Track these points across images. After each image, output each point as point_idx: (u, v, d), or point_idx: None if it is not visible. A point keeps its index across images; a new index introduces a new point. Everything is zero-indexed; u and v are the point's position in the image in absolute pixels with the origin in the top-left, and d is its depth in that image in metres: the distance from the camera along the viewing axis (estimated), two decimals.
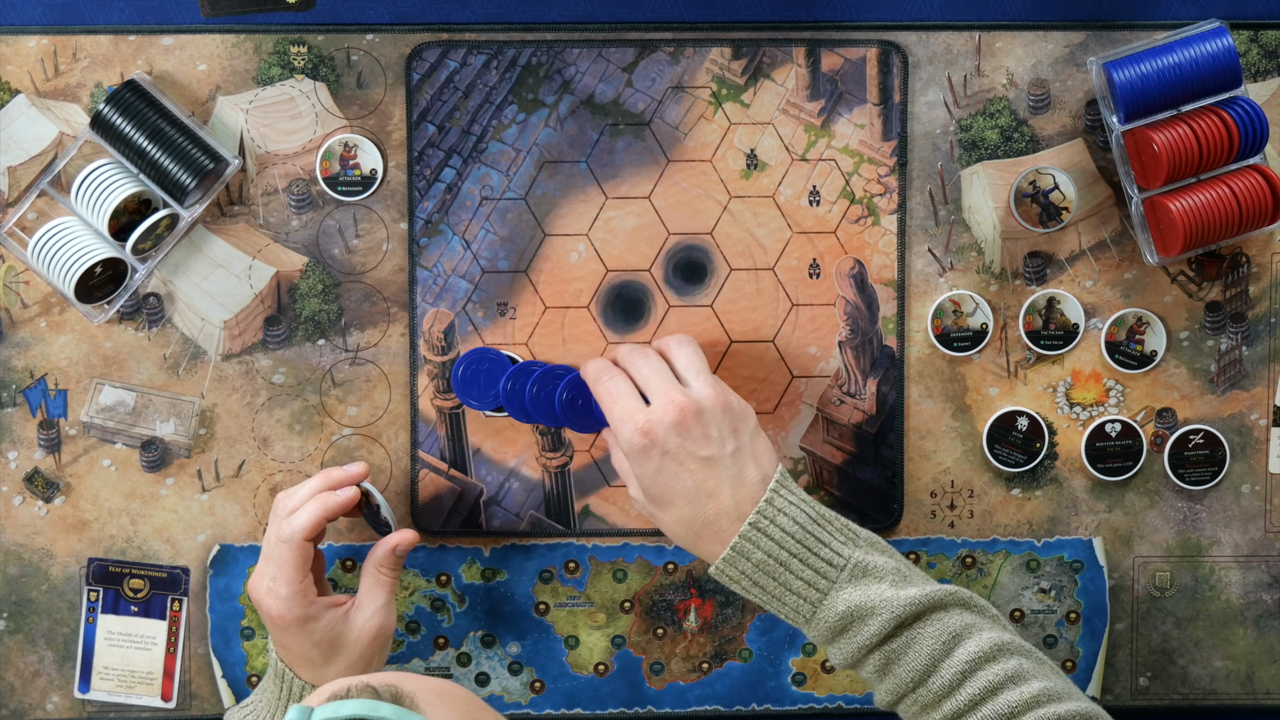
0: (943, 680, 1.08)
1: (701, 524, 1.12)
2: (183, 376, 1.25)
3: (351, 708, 0.85)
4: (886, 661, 1.09)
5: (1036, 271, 1.26)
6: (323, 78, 1.24)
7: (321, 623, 1.17)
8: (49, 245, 1.20)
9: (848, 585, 1.10)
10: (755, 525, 1.11)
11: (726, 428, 1.13)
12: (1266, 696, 1.29)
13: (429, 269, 1.25)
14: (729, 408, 1.13)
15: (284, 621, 1.16)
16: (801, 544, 1.11)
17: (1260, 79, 1.25)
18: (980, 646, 1.09)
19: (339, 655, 1.17)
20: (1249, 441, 1.27)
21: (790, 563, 1.11)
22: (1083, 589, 1.28)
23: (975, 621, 1.10)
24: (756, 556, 1.11)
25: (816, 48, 1.25)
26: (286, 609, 1.15)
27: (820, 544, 1.11)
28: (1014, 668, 1.08)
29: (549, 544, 1.28)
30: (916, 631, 1.09)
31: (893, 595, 1.09)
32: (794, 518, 1.12)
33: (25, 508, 1.26)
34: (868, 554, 1.11)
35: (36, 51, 1.23)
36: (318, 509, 1.17)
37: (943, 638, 1.09)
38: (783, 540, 1.11)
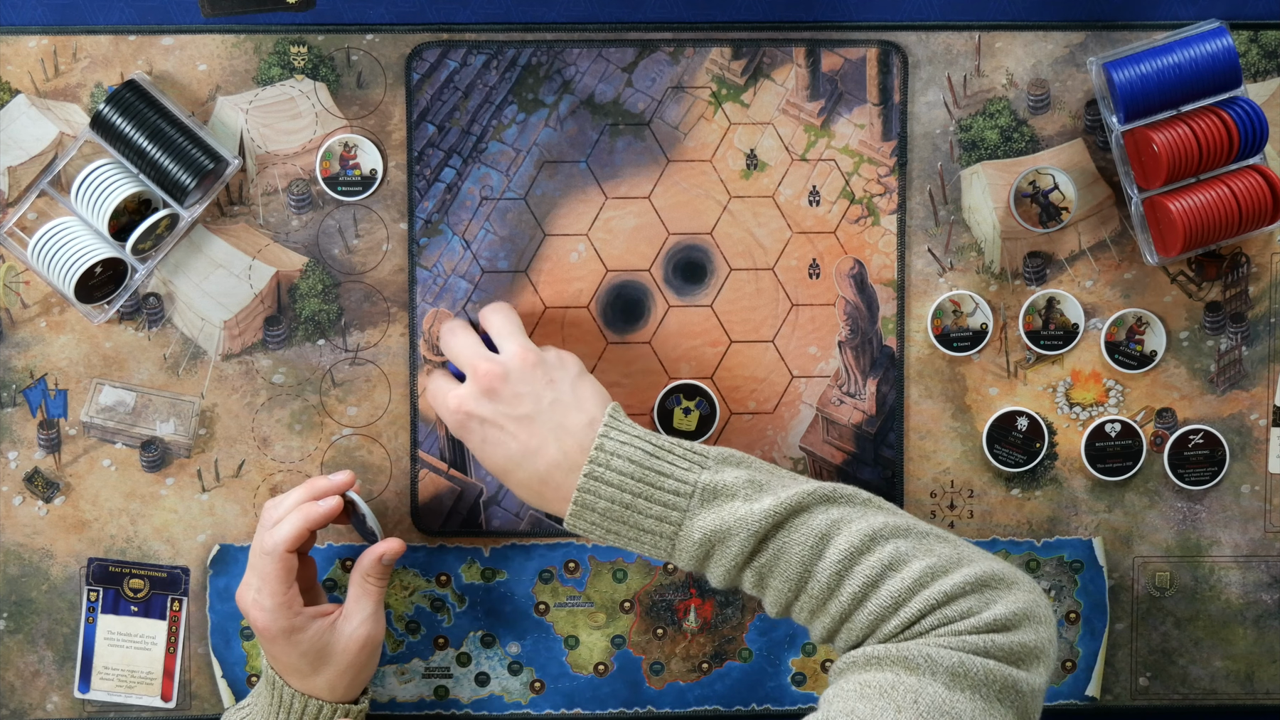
0: (819, 584, 1.05)
1: (539, 482, 1.12)
2: (183, 376, 1.25)
3: None
4: (760, 577, 1.07)
5: (1036, 271, 1.26)
6: (323, 78, 1.24)
7: (308, 633, 1.17)
8: (49, 245, 1.20)
9: (700, 510, 1.08)
10: (590, 475, 1.09)
11: (540, 381, 1.12)
12: (1266, 696, 1.30)
13: (429, 269, 1.25)
14: (540, 362, 1.13)
15: (270, 633, 1.16)
16: (643, 481, 1.09)
17: (1260, 79, 1.25)
18: (850, 541, 1.05)
19: (327, 665, 1.18)
20: (1249, 441, 1.27)
21: (635, 503, 1.09)
22: (1083, 589, 1.28)
23: (843, 515, 1.07)
24: (600, 505, 1.10)
25: (816, 48, 1.25)
26: (271, 620, 1.16)
27: (662, 476, 1.09)
28: (890, 553, 1.05)
29: (549, 544, 1.28)
30: (782, 541, 1.06)
31: (747, 511, 1.07)
32: (629, 457, 1.09)
33: (25, 508, 1.26)
34: (716, 473, 1.08)
35: (36, 51, 1.23)
36: (300, 520, 1.17)
37: (809, 541, 1.06)
38: (622, 483, 1.09)
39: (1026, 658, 1.03)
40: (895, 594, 1.03)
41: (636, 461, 1.10)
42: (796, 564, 1.06)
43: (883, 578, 1.04)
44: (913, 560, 1.05)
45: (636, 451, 1.10)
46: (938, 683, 0.99)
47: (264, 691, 1.20)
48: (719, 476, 1.09)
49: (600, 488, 1.10)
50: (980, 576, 1.04)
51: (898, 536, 1.06)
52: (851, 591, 1.04)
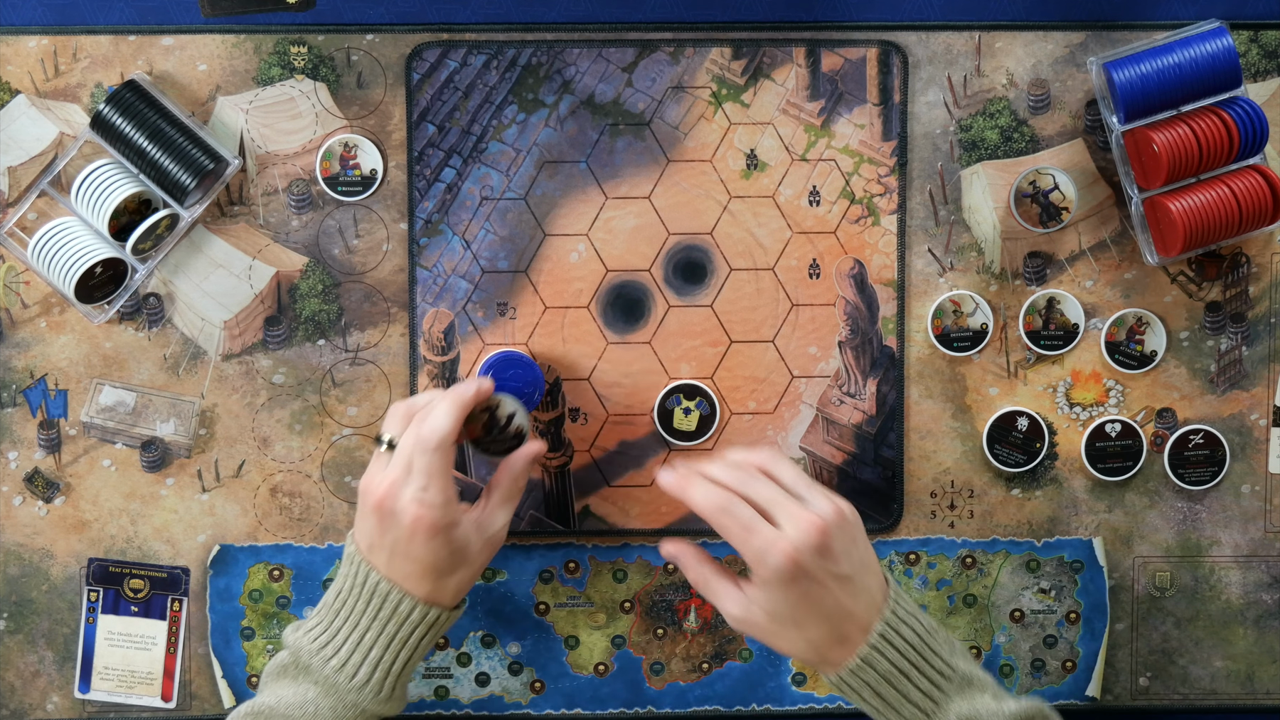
0: None
1: (836, 639, 1.11)
2: (183, 376, 1.25)
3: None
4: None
5: (1036, 271, 1.26)
6: (323, 78, 1.24)
7: (460, 529, 1.14)
8: (49, 245, 1.20)
9: (957, 697, 1.10)
10: (883, 635, 1.10)
11: (850, 540, 1.11)
12: (1266, 696, 1.29)
13: (429, 269, 1.25)
14: (845, 518, 1.11)
15: (435, 528, 1.12)
16: (919, 654, 1.11)
17: (1260, 79, 1.25)
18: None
19: (464, 564, 1.15)
20: (1249, 441, 1.27)
21: (910, 672, 1.10)
22: (1083, 589, 1.28)
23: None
24: (882, 666, 1.10)
25: (816, 48, 1.25)
26: (440, 516, 1.12)
27: (934, 654, 1.11)
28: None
29: (549, 544, 1.28)
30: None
31: (997, 708, 1.10)
32: (913, 628, 1.11)
33: (25, 508, 1.26)
34: (969, 665, 1.12)
35: (36, 51, 1.23)
36: (454, 407, 1.13)
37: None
38: (904, 650, 1.11)
39: None
40: None
41: (918, 634, 1.11)
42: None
43: None
44: None
45: (918, 625, 1.12)
46: None
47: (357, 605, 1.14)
48: (972, 669, 1.12)
49: (886, 648, 1.10)
50: None
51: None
52: None
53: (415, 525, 1.12)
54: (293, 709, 1.12)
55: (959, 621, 1.28)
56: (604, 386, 1.26)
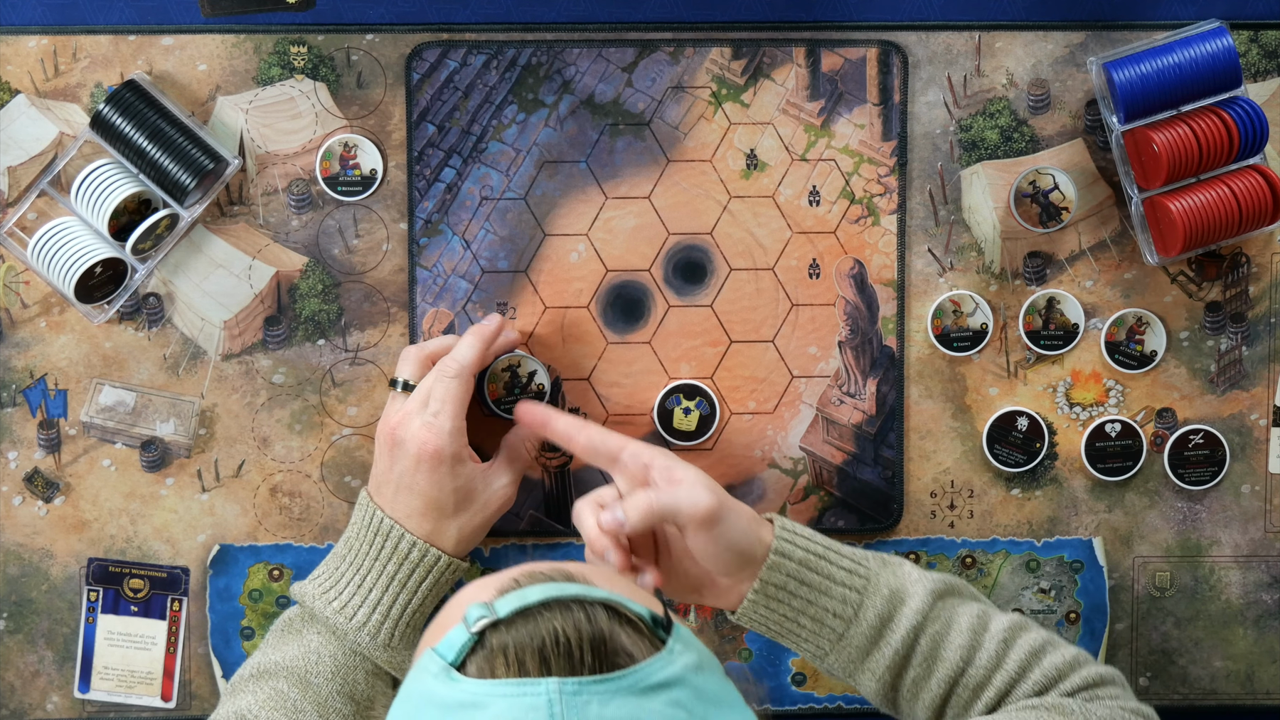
0: (988, 653, 1.10)
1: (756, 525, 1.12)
2: (183, 376, 1.25)
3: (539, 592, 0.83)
4: (933, 645, 1.10)
5: (1036, 271, 1.26)
6: (323, 78, 1.24)
7: (466, 468, 1.16)
8: (49, 245, 1.20)
9: (882, 571, 1.12)
10: (784, 526, 1.11)
11: None
12: (1266, 696, 1.29)
13: (429, 269, 1.25)
14: None
15: (440, 455, 1.14)
16: (827, 545, 1.12)
17: (1260, 79, 1.25)
18: (1009, 618, 1.12)
19: (468, 508, 1.16)
20: (1249, 441, 1.27)
21: (827, 554, 1.11)
22: (1083, 589, 1.28)
23: (986, 601, 1.15)
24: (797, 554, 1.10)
25: (816, 48, 1.25)
26: (446, 443, 1.14)
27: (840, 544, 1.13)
28: (1046, 634, 1.12)
29: (549, 544, 1.28)
30: (949, 608, 1.11)
31: (919, 573, 1.12)
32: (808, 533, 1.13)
33: (25, 508, 1.26)
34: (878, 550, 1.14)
35: (36, 51, 1.23)
36: (477, 340, 1.18)
37: (974, 612, 1.11)
38: (813, 537, 1.12)
39: None
40: (1056, 666, 1.10)
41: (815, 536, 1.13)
42: (966, 631, 1.10)
43: (1043, 651, 1.11)
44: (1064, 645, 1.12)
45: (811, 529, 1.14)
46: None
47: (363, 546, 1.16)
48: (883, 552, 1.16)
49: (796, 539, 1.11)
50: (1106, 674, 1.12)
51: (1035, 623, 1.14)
52: (1018, 659, 1.10)
53: (421, 451, 1.14)
54: (295, 660, 1.13)
55: None
56: (604, 386, 1.26)
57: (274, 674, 1.12)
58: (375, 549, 1.16)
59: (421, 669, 0.84)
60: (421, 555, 1.15)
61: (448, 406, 1.15)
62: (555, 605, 0.82)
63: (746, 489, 1.27)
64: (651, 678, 0.81)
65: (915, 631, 1.10)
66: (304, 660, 1.12)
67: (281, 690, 1.11)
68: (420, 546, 1.15)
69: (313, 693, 1.11)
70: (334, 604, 1.14)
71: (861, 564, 1.11)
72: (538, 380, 1.22)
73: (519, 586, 0.84)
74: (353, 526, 1.18)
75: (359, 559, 1.16)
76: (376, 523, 1.16)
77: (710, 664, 0.86)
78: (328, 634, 1.14)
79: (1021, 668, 1.09)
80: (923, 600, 1.10)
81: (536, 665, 0.80)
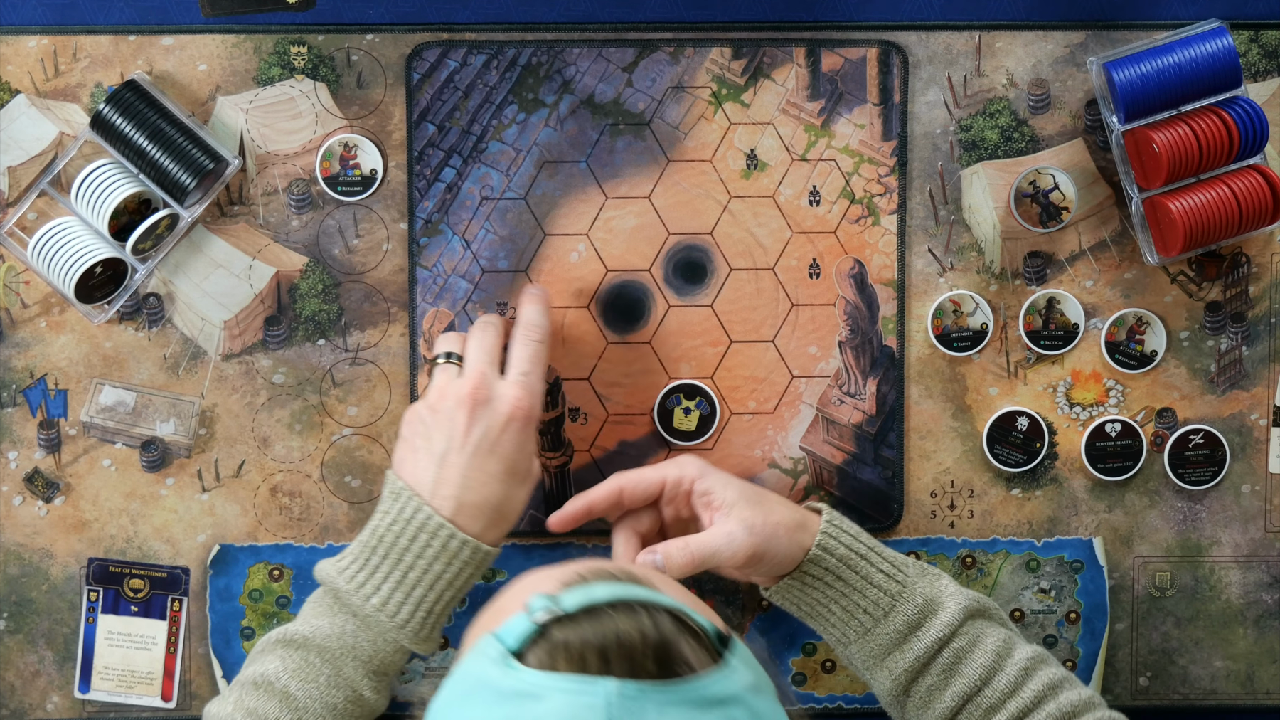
0: (1008, 677, 1.11)
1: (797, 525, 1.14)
2: (183, 376, 1.25)
3: (607, 591, 0.83)
4: (955, 659, 1.12)
5: (1036, 271, 1.26)
6: (323, 78, 1.24)
7: (531, 435, 1.15)
8: (49, 245, 1.20)
9: (920, 579, 1.14)
10: (831, 521, 1.14)
11: None
12: (1266, 696, 1.29)
13: (429, 269, 1.25)
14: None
15: (531, 416, 1.13)
16: (871, 545, 1.15)
17: (1260, 79, 1.25)
18: (1034, 649, 1.14)
19: (527, 480, 1.15)
20: (1249, 441, 1.27)
21: (869, 555, 1.14)
22: (1083, 589, 1.28)
23: (1015, 629, 1.17)
24: (840, 551, 1.14)
25: (816, 48, 1.25)
26: (535, 404, 1.14)
27: (883, 547, 1.16)
28: (1066, 672, 1.14)
29: (549, 544, 1.28)
30: (980, 629, 1.13)
31: (955, 588, 1.14)
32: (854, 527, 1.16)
33: (25, 508, 1.26)
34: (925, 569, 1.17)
35: (36, 51, 1.23)
36: (541, 304, 1.19)
37: (1001, 637, 1.13)
38: (858, 535, 1.15)
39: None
40: (1073, 704, 1.12)
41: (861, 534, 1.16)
42: (990, 653, 1.12)
43: (1060, 687, 1.12)
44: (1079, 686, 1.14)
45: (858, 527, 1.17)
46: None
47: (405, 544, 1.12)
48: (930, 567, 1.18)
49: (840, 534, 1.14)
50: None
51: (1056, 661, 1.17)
52: (1035, 690, 1.11)
53: (515, 410, 1.13)
54: (330, 639, 1.11)
55: None
56: (604, 386, 1.26)
57: (305, 646, 1.11)
58: (419, 545, 1.11)
59: (480, 653, 0.83)
60: (473, 552, 1.12)
61: (538, 367, 1.16)
62: (622, 606, 0.82)
63: None
64: (710, 690, 0.81)
65: (941, 642, 1.12)
66: (338, 641, 1.11)
67: (312, 663, 1.10)
68: (470, 544, 1.12)
69: (345, 672, 1.11)
70: (373, 600, 1.11)
71: (901, 569, 1.14)
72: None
73: (584, 582, 0.84)
74: (386, 516, 1.13)
75: (399, 553, 1.12)
76: (423, 519, 1.11)
77: (767, 687, 0.86)
78: (364, 623, 1.12)
79: (1036, 699, 1.11)
80: (954, 615, 1.13)
81: (598, 663, 0.80)
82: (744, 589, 1.27)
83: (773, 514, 1.13)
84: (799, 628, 1.28)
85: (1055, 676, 1.13)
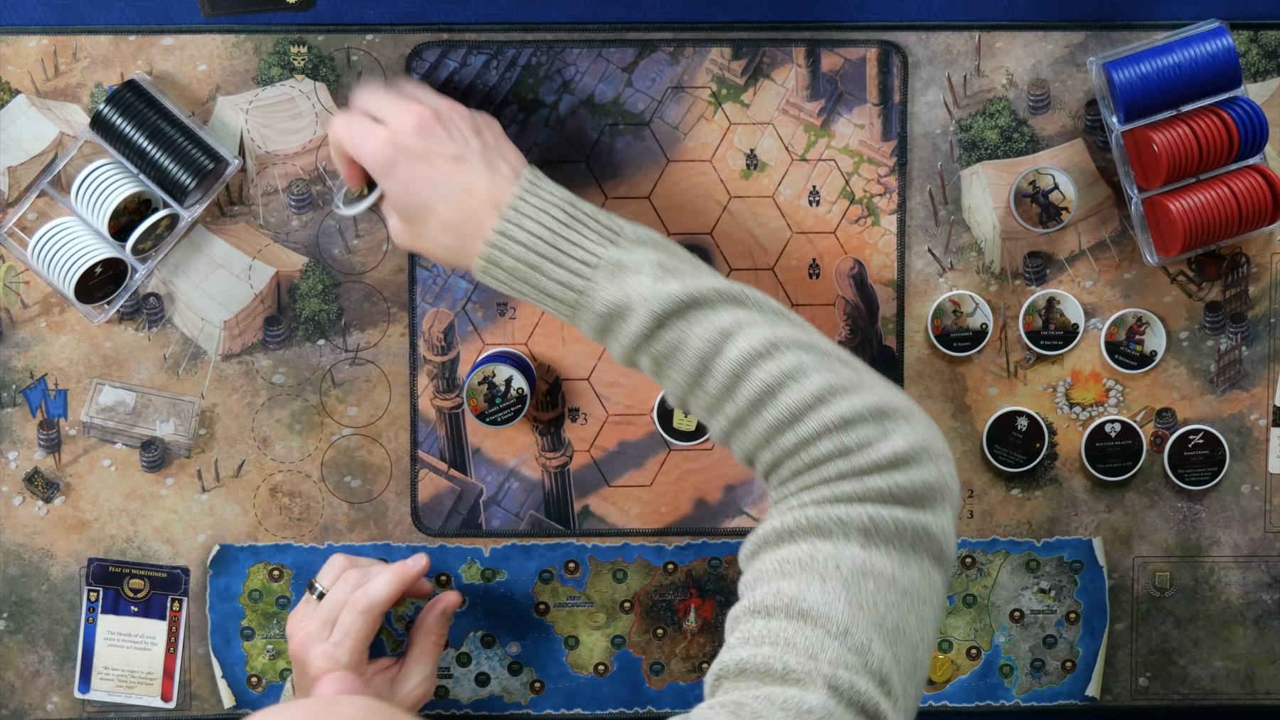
0: (716, 382, 1.03)
1: (462, 221, 1.08)
2: (183, 376, 1.25)
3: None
4: (656, 363, 1.05)
5: (1036, 271, 1.26)
6: (323, 78, 1.24)
7: (370, 689, 1.17)
8: (49, 245, 1.20)
9: (605, 283, 1.05)
10: (501, 231, 1.07)
11: (468, 128, 1.11)
12: (1266, 696, 1.30)
13: (429, 269, 1.25)
14: (467, 113, 1.12)
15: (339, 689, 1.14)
16: (553, 245, 1.06)
17: (1260, 79, 1.25)
18: (751, 343, 1.02)
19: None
20: (1249, 441, 1.27)
21: (542, 264, 1.06)
22: (1083, 589, 1.28)
23: (748, 317, 1.04)
24: (507, 262, 1.07)
25: (816, 48, 1.25)
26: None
27: (573, 244, 1.06)
28: (791, 364, 1.02)
29: (549, 544, 1.28)
30: (681, 330, 1.03)
31: (650, 291, 1.04)
32: (542, 221, 1.07)
33: (25, 508, 1.26)
34: (628, 251, 1.06)
35: (36, 51, 1.23)
36: (395, 580, 1.18)
37: (710, 336, 1.03)
38: (532, 243, 1.07)
39: (930, 497, 1.00)
40: (792, 407, 1.00)
41: (549, 227, 1.07)
42: (694, 357, 1.03)
43: (780, 387, 1.01)
44: (812, 374, 1.01)
45: (551, 216, 1.07)
46: (853, 544, 0.97)
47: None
48: (629, 255, 1.06)
49: (509, 245, 1.07)
50: (878, 405, 1.01)
51: (800, 349, 1.03)
52: (749, 396, 1.01)
53: (318, 681, 1.14)
54: None
55: (959, 621, 1.28)
56: (604, 386, 1.26)
57: None
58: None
59: None
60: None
61: (348, 640, 1.16)
62: None
63: (746, 489, 1.27)
64: None
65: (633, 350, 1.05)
66: None
67: None
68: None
69: None
70: None
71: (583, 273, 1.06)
72: (516, 386, 1.21)
73: None
74: None
75: None
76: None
77: None
78: None
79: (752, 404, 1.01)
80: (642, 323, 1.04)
81: None
82: None
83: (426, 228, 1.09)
84: None
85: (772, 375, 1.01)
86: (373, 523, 1.27)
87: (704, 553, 1.28)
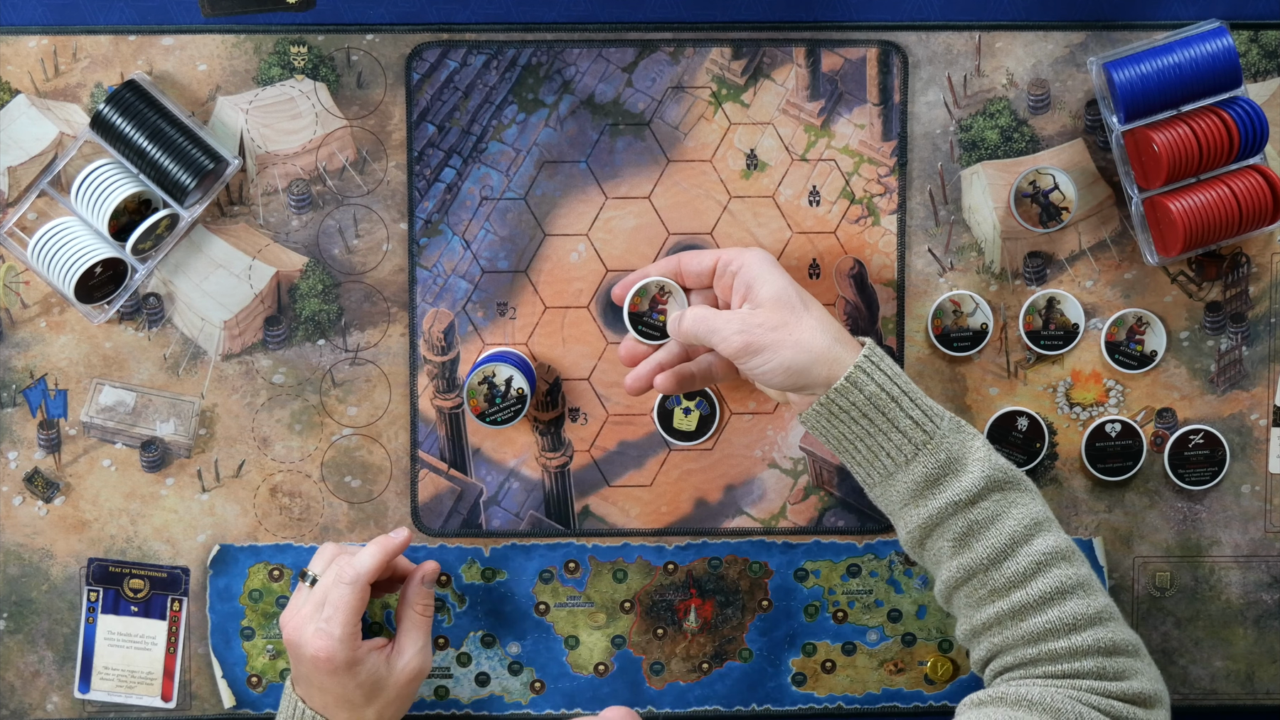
0: (1017, 567, 1.08)
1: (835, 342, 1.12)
2: (183, 376, 1.25)
3: None
4: (966, 530, 1.09)
5: (1036, 271, 1.26)
6: (323, 78, 1.24)
7: (366, 665, 1.17)
8: (49, 245, 1.20)
9: (952, 434, 1.11)
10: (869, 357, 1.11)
11: None
12: (1266, 696, 1.30)
13: (429, 269, 1.25)
14: None
15: (333, 663, 1.16)
16: (906, 387, 1.12)
17: (1260, 79, 1.25)
18: (1056, 542, 1.09)
19: (379, 696, 1.18)
20: (1249, 441, 1.27)
21: (900, 399, 1.11)
22: None
23: (1048, 517, 1.11)
24: (870, 388, 1.10)
25: (816, 48, 1.25)
26: (337, 650, 1.16)
27: (920, 393, 1.12)
28: (1084, 575, 1.09)
29: (549, 544, 1.28)
30: (1002, 505, 1.10)
31: (985, 455, 1.10)
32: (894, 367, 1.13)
33: (25, 508, 1.26)
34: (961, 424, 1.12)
35: (36, 51, 1.23)
36: (379, 551, 1.19)
37: (1025, 520, 1.09)
38: (894, 375, 1.12)
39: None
40: (1075, 616, 1.08)
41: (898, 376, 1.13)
42: (1006, 536, 1.09)
43: (1071, 593, 1.08)
44: (1097, 593, 1.10)
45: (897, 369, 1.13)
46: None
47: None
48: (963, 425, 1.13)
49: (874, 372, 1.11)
50: (1135, 643, 1.10)
51: (1086, 564, 1.11)
52: (1041, 590, 1.08)
53: (315, 659, 1.16)
54: None
55: None
56: (604, 386, 1.27)
57: None
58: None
59: None
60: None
61: (339, 614, 1.16)
62: None
63: (746, 489, 1.27)
64: None
65: (956, 506, 1.09)
66: None
67: None
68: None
69: None
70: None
71: (934, 420, 1.11)
72: (516, 386, 1.22)
73: None
74: (281, 715, 1.20)
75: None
76: (299, 712, 1.19)
77: None
78: None
79: (1040, 600, 1.07)
80: (976, 480, 1.09)
81: None
82: (744, 591, 1.27)
83: (788, 329, 1.12)
84: (799, 628, 1.28)
85: (1068, 579, 1.08)
86: (373, 523, 1.27)
87: (704, 553, 1.28)
